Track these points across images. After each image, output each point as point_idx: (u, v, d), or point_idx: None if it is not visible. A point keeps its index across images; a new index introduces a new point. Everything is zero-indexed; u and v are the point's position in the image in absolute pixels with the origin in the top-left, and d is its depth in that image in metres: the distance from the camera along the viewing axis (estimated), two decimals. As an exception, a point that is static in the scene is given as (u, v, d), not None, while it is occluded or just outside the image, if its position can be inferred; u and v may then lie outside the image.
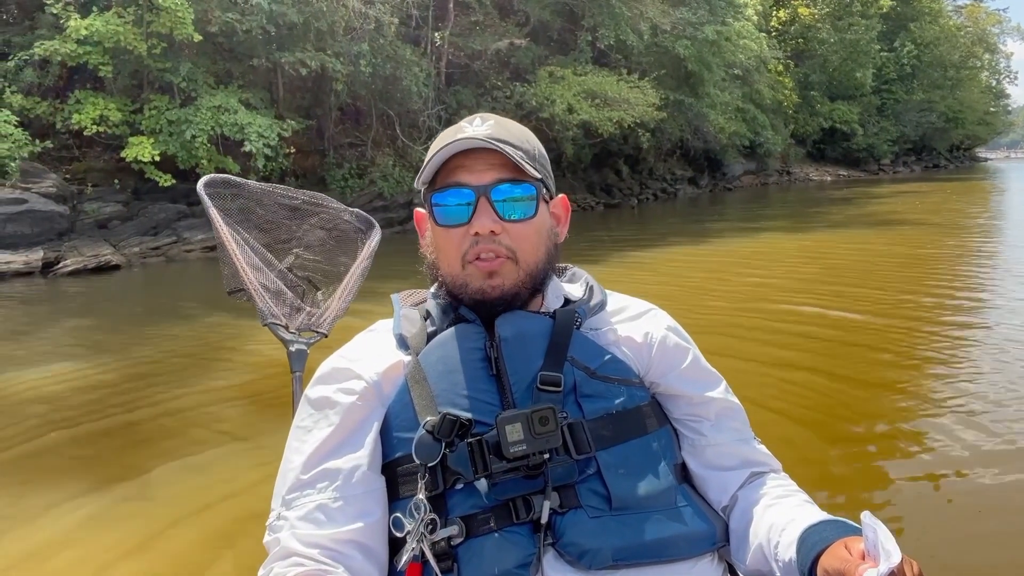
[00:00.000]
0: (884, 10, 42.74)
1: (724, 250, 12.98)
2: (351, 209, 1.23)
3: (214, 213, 1.10)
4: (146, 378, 5.91)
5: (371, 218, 1.23)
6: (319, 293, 1.05)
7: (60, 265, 12.32)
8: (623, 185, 27.27)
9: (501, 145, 1.09)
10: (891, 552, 0.82)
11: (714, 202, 27.50)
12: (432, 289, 1.25)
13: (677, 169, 31.19)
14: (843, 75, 40.64)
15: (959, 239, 13.48)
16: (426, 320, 1.19)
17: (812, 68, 40.21)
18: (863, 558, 0.87)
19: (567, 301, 1.21)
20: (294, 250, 1.12)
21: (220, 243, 1.08)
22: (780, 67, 36.15)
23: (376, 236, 1.22)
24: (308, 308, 1.02)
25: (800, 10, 40.52)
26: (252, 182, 1.15)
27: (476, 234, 1.09)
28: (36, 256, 12.27)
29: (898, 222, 16.38)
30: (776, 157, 37.00)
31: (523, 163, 1.10)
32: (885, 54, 44.53)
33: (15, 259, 12.07)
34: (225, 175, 1.11)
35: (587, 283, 1.26)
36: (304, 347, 1.12)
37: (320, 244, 1.11)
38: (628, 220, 21.29)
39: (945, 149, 55.34)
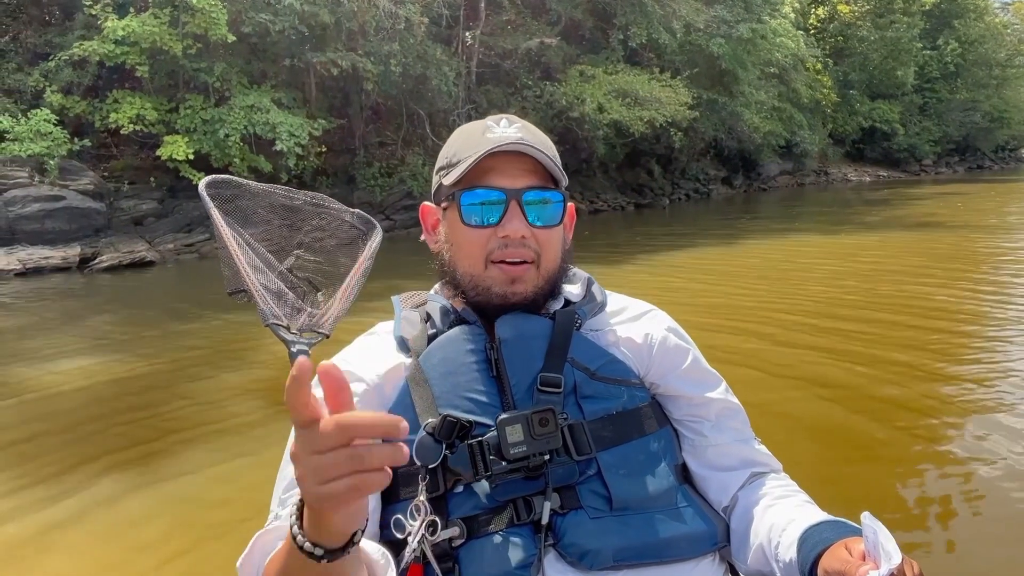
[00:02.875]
0: (927, 7, 41.75)
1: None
2: (352, 210, 1.24)
3: (215, 214, 1.12)
4: (170, 372, 6.01)
5: (372, 219, 1.24)
6: (319, 294, 1.06)
7: (96, 261, 12.64)
8: (655, 185, 27.01)
9: (538, 152, 1.09)
10: (891, 553, 0.82)
11: (749, 202, 27.09)
12: (433, 290, 1.25)
13: (710, 169, 30.77)
14: (884, 74, 39.74)
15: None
16: (426, 322, 1.18)
17: (852, 66, 39.41)
18: (863, 559, 0.87)
19: (567, 302, 1.20)
20: (295, 251, 1.13)
21: (221, 244, 1.09)
22: (818, 65, 35.48)
23: (377, 237, 1.23)
24: (309, 309, 1.03)
25: (840, 7, 39.76)
26: (252, 182, 1.17)
27: (505, 237, 1.09)
28: (73, 252, 12.62)
29: (941, 224, 16.04)
30: (813, 157, 36.28)
31: (555, 171, 1.11)
32: (928, 52, 43.40)
33: (53, 254, 12.41)
34: (226, 175, 1.13)
35: (587, 284, 1.25)
36: (306, 348, 1.14)
37: (321, 245, 1.12)
38: (658, 220, 21.10)
39: (990, 150, 53.79)
